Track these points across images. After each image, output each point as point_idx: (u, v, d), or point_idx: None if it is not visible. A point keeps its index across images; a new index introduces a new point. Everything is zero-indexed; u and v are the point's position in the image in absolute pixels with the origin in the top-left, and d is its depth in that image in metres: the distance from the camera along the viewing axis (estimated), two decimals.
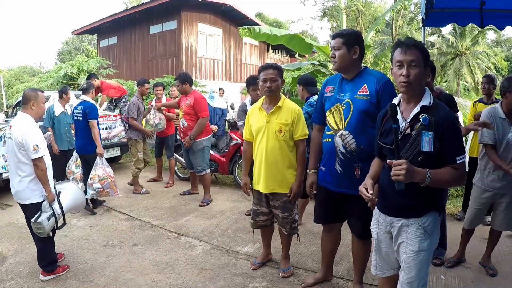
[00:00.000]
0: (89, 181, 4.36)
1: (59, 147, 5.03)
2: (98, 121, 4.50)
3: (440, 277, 2.83)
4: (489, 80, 4.00)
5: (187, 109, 4.64)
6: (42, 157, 2.70)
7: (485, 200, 2.84)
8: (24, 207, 2.82)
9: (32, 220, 2.71)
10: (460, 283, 2.75)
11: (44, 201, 2.78)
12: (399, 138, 1.69)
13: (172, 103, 5.28)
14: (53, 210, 2.78)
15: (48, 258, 2.89)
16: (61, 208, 2.86)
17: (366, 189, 1.75)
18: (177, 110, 5.40)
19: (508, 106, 2.70)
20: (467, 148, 4.14)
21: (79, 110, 4.49)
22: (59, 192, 2.93)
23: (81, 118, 4.45)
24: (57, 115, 5.03)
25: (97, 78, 7.04)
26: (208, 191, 4.85)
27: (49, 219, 2.74)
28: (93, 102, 4.67)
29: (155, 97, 5.84)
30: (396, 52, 1.70)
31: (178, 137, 5.71)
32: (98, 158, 4.39)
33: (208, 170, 4.84)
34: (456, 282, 2.77)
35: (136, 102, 5.24)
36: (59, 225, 2.85)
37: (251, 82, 4.04)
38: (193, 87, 4.93)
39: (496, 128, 2.69)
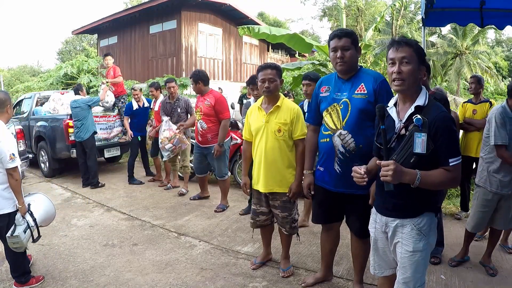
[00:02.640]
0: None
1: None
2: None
3: (440, 276, 2.83)
4: (476, 80, 4.05)
5: (207, 110, 4.30)
6: (17, 166, 2.55)
7: (493, 203, 2.80)
8: None
9: (8, 234, 2.55)
10: (460, 283, 2.75)
11: (17, 213, 2.62)
12: (394, 139, 1.68)
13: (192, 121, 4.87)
14: (27, 222, 2.64)
15: (20, 269, 2.74)
16: (34, 220, 2.71)
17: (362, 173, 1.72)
18: None
19: None
20: None
21: None
22: (29, 204, 2.75)
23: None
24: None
25: (112, 56, 7.09)
26: (226, 196, 4.60)
27: (25, 231, 2.60)
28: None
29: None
30: (389, 51, 1.70)
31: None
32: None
33: (229, 174, 4.69)
34: (456, 281, 2.77)
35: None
36: (35, 237, 2.73)
37: (251, 82, 4.03)
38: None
39: (509, 128, 2.66)
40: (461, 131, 4.03)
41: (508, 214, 2.81)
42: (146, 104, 5.98)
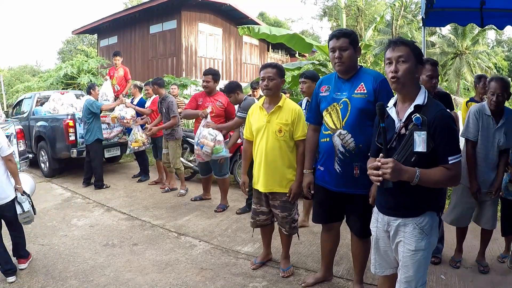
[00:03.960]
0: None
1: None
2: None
3: (440, 276, 2.83)
4: (486, 81, 4.03)
5: (219, 111, 4.32)
6: (13, 151, 2.95)
7: (470, 199, 2.86)
8: (3, 207, 2.86)
9: (19, 212, 2.94)
10: (460, 282, 2.75)
11: (17, 193, 2.97)
12: (395, 138, 1.69)
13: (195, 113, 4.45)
14: (27, 198, 3.03)
15: (24, 243, 3.09)
16: (28, 196, 3.11)
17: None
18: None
19: (489, 106, 2.77)
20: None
21: None
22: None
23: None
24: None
25: (120, 56, 7.08)
26: (226, 196, 4.61)
27: (30, 204, 3.04)
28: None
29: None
30: (386, 52, 1.72)
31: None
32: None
33: (229, 173, 4.68)
34: (456, 281, 2.77)
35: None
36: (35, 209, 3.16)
37: (227, 90, 4.09)
38: (193, 86, 4.87)
39: (481, 125, 2.77)
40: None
41: (491, 213, 2.87)
42: (135, 103, 6.03)
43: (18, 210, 2.94)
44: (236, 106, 4.36)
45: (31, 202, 3.06)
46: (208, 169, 4.66)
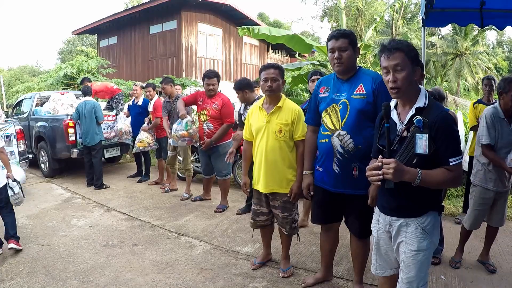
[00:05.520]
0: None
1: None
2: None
3: (440, 277, 2.83)
4: (491, 82, 4.02)
5: (214, 113, 4.30)
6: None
7: (489, 201, 2.88)
8: None
9: (11, 194, 3.41)
10: (460, 283, 2.75)
11: (8, 180, 3.44)
12: (397, 141, 1.68)
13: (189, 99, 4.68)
14: (18, 183, 3.52)
15: (15, 225, 3.44)
16: (18, 182, 3.57)
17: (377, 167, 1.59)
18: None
19: (505, 107, 2.77)
20: (466, 148, 4.15)
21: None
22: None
23: None
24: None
25: (90, 81, 7.01)
26: (226, 196, 4.61)
27: (20, 189, 3.51)
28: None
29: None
30: (381, 59, 1.69)
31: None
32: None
33: (231, 174, 4.62)
34: (456, 282, 2.77)
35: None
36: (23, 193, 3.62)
37: (237, 87, 4.02)
38: (193, 87, 4.84)
39: (497, 128, 2.77)
40: (471, 132, 4.02)
41: (502, 211, 2.91)
42: (140, 103, 5.94)
43: (10, 193, 3.41)
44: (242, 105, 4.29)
45: (20, 188, 3.54)
46: (211, 169, 4.64)
